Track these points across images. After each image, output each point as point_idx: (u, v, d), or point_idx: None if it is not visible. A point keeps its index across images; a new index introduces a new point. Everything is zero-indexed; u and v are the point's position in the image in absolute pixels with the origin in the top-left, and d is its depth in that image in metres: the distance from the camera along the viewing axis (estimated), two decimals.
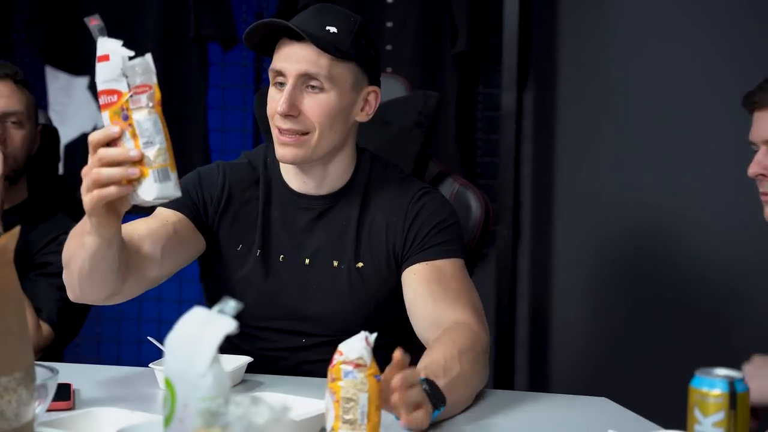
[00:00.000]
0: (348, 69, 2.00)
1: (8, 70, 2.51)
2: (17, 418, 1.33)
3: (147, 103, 1.59)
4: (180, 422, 1.23)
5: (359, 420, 1.50)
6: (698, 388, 1.34)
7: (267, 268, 2.08)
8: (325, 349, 2.01)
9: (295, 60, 1.97)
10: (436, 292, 1.99)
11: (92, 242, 1.77)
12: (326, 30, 1.97)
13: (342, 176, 2.10)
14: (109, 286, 1.88)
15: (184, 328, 1.26)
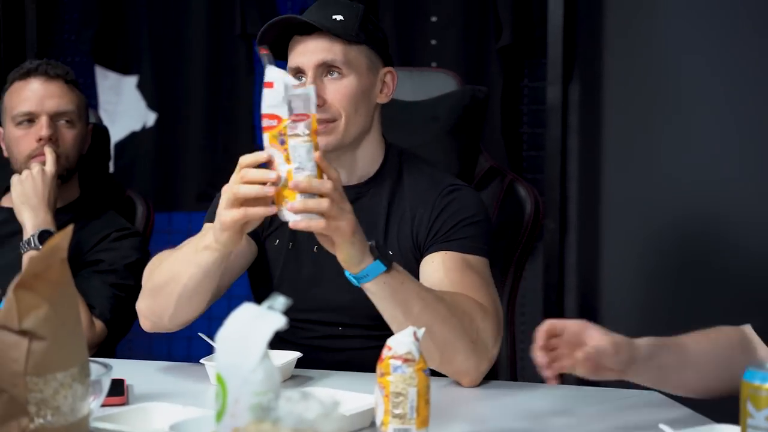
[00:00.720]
0: (361, 52, 2.04)
1: (59, 71, 2.53)
2: (73, 413, 1.34)
3: (303, 131, 1.66)
4: (231, 417, 1.23)
5: (408, 414, 1.50)
6: (750, 382, 1.32)
7: (300, 260, 2.09)
8: (361, 336, 2.04)
9: (310, 52, 2.00)
10: (454, 280, 1.96)
11: (210, 257, 1.86)
12: (333, 19, 2.01)
13: (371, 164, 2.11)
14: (203, 305, 1.97)
15: (235, 324, 1.26)
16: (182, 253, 1.94)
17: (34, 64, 2.54)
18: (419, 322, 1.81)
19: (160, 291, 1.96)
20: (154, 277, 1.98)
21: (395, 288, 1.81)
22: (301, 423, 1.13)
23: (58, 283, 1.35)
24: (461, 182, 2.15)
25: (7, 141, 2.54)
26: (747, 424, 1.32)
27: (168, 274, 1.95)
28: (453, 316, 1.85)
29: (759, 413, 1.31)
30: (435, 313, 1.83)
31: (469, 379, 1.90)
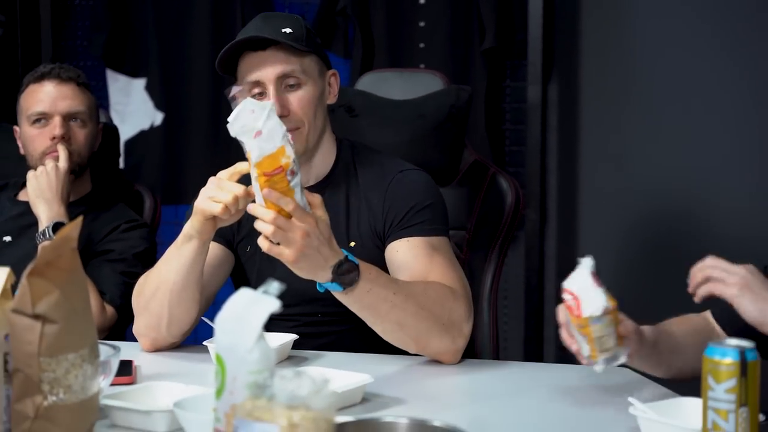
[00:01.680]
0: (312, 60, 2.04)
1: (72, 74, 2.54)
2: (83, 391, 1.35)
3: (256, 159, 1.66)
4: (230, 394, 1.24)
5: (614, 344, 1.63)
6: (711, 357, 1.34)
7: (273, 261, 2.08)
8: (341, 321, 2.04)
9: (270, 66, 1.99)
10: (422, 265, 1.95)
11: (190, 248, 1.89)
12: (284, 32, 2.00)
13: (325, 163, 2.10)
14: (194, 308, 1.96)
15: (233, 307, 1.27)
16: (164, 258, 1.95)
17: (48, 67, 2.54)
18: (389, 320, 1.83)
19: (152, 299, 1.96)
20: (145, 291, 1.99)
21: (359, 297, 1.80)
22: (294, 399, 1.14)
23: (69, 271, 1.36)
24: (410, 166, 2.12)
25: (23, 139, 2.54)
26: (708, 397, 1.34)
27: (155, 281, 1.96)
28: (423, 308, 1.85)
29: (719, 386, 1.32)
30: (405, 311, 1.83)
31: (448, 356, 1.91)
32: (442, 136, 2.46)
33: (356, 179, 2.10)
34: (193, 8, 3.67)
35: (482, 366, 1.97)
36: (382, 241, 2.05)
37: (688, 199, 3.27)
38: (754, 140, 3.23)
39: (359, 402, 1.65)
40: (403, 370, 1.90)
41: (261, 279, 2.06)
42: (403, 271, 1.96)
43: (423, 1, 3.47)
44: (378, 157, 2.14)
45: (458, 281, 1.95)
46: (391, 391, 1.72)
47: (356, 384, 1.64)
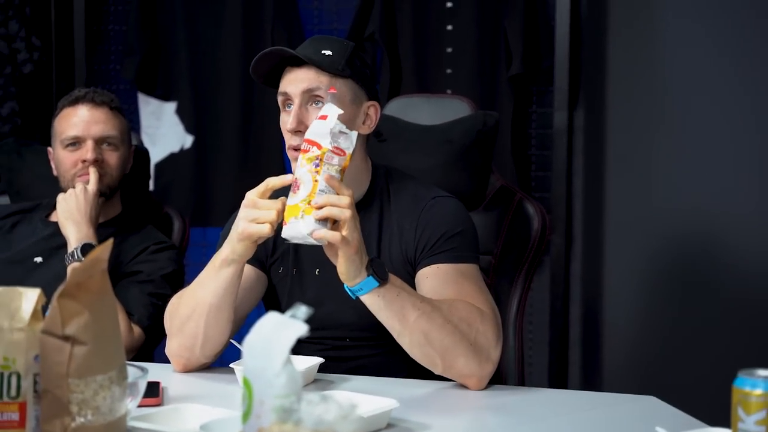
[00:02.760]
0: (346, 85, 2.02)
1: (105, 98, 2.55)
2: (111, 413, 1.34)
3: (338, 163, 1.75)
4: (257, 418, 1.23)
5: None
6: (741, 388, 1.31)
7: (304, 284, 2.08)
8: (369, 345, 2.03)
9: (298, 81, 2.00)
10: (451, 292, 1.94)
11: (228, 271, 1.88)
12: (322, 54, 2.00)
13: (358, 188, 2.07)
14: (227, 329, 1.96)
15: (260, 331, 1.26)
16: (199, 279, 1.94)
17: (82, 91, 2.55)
18: (417, 330, 1.81)
19: (187, 321, 1.95)
20: (179, 312, 1.97)
21: (390, 300, 1.80)
22: (320, 424, 1.13)
23: (99, 292, 1.35)
24: (444, 193, 2.11)
25: (56, 161, 2.55)
26: (738, 428, 1.31)
27: (192, 302, 1.95)
28: (449, 322, 1.83)
29: (749, 418, 1.30)
30: (432, 321, 1.82)
31: (473, 381, 1.88)
32: (469, 161, 2.45)
33: (389, 205, 2.09)
34: (224, 33, 3.69)
35: (508, 392, 1.95)
36: (413, 267, 2.03)
37: (715, 224, 3.24)
38: None
39: (385, 427, 1.63)
40: (429, 394, 1.88)
41: (291, 301, 2.06)
42: (432, 297, 1.94)
43: (450, 27, 3.47)
44: (412, 183, 2.13)
45: (488, 306, 1.93)
46: (417, 416, 1.70)
47: (382, 409, 1.62)
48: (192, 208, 3.68)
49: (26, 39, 3.74)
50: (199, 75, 3.72)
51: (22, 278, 2.38)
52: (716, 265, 3.23)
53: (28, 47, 3.75)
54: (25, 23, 3.74)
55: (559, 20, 3.26)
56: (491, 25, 3.43)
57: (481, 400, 1.85)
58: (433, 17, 3.48)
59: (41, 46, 3.80)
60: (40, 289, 1.39)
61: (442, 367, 1.87)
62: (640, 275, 3.35)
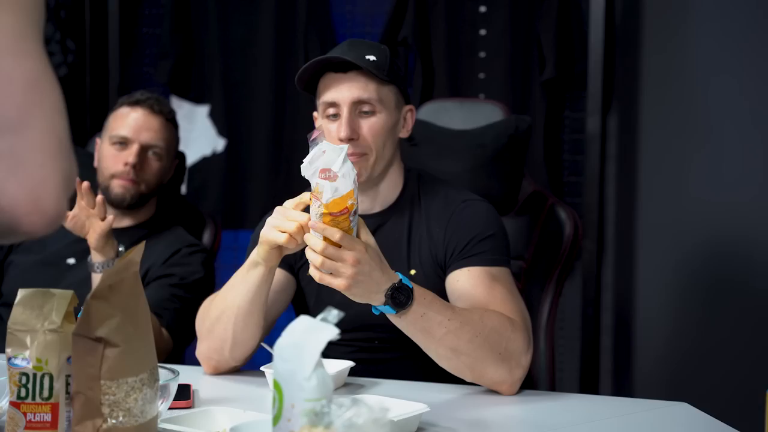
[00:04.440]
0: (390, 91, 2.04)
1: (164, 108, 2.57)
2: (143, 415, 1.35)
3: (317, 208, 1.69)
4: (287, 421, 1.23)
5: None
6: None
7: None
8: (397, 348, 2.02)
9: (346, 89, 1.99)
10: (482, 295, 1.93)
11: (257, 274, 1.88)
12: (367, 59, 2.00)
13: (392, 192, 2.10)
14: (257, 332, 1.96)
15: (291, 334, 1.26)
16: (230, 284, 1.95)
17: (145, 95, 2.58)
18: (443, 346, 1.81)
19: (217, 323, 1.96)
20: (210, 315, 1.98)
21: (413, 321, 1.79)
22: (351, 428, 1.12)
23: (131, 294, 1.36)
24: (474, 196, 2.11)
25: (100, 154, 2.57)
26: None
27: (221, 305, 1.95)
28: (478, 335, 1.82)
29: None
30: (459, 337, 1.81)
31: (505, 387, 1.88)
32: (501, 165, 2.44)
33: (420, 208, 2.09)
34: (257, 37, 3.70)
35: (539, 397, 1.94)
36: (443, 270, 2.03)
37: (748, 231, 3.21)
38: None
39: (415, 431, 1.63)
40: (459, 399, 1.88)
41: (320, 304, 2.06)
42: (463, 301, 1.94)
43: (484, 32, 3.46)
44: (443, 187, 2.12)
45: (518, 312, 1.92)
46: (446, 421, 1.69)
47: (412, 413, 1.61)
48: (224, 212, 3.69)
49: (61, 42, 3.77)
50: (231, 79, 3.74)
51: (54, 280, 2.41)
52: (749, 272, 3.20)
53: (62, 50, 3.78)
54: (60, 26, 3.78)
55: (593, 25, 3.24)
56: (524, 30, 3.42)
57: (511, 406, 1.84)
58: (466, 22, 3.47)
59: (75, 49, 3.83)
60: (72, 292, 1.40)
61: (472, 376, 1.87)
62: (672, 281, 3.33)
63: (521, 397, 1.88)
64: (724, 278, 3.25)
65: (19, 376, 1.35)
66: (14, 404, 1.35)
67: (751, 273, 3.20)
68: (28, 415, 1.34)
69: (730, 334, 3.23)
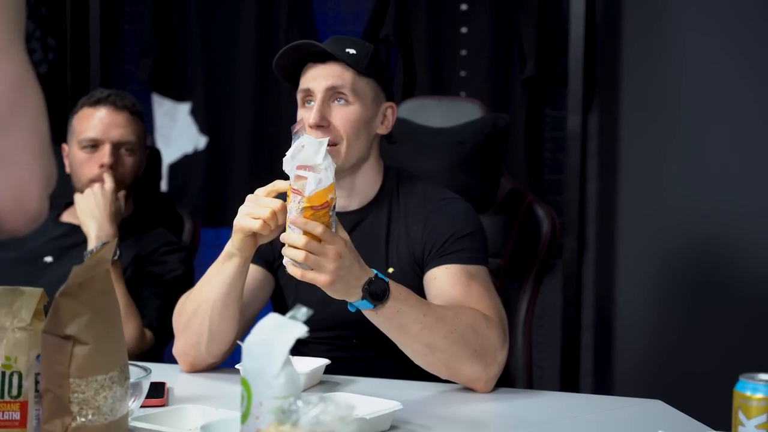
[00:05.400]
0: (368, 84, 2.04)
1: (127, 102, 2.54)
2: (112, 413, 1.34)
3: (298, 203, 1.68)
4: (255, 419, 1.23)
5: None
6: (742, 392, 1.30)
7: (311, 284, 2.07)
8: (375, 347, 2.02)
9: (322, 77, 2.01)
10: (459, 293, 1.94)
11: (231, 265, 1.88)
12: (347, 52, 2.01)
13: (369, 189, 2.09)
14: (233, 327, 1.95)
15: (260, 332, 1.26)
16: (205, 278, 1.95)
17: (104, 93, 2.54)
18: (419, 342, 1.81)
19: (193, 318, 1.96)
20: (186, 309, 1.98)
21: (389, 317, 1.79)
22: (318, 425, 1.12)
23: (101, 292, 1.36)
24: (452, 195, 2.11)
25: (71, 160, 2.55)
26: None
27: (197, 299, 1.95)
28: (453, 332, 1.83)
29: (749, 422, 1.29)
30: (434, 333, 1.81)
31: (480, 384, 1.88)
32: (479, 163, 2.44)
33: (398, 206, 2.09)
34: (238, 34, 3.70)
35: (514, 395, 1.94)
36: (421, 268, 2.03)
37: (729, 229, 3.22)
38: None
39: (388, 429, 1.63)
40: (434, 396, 1.88)
41: (299, 301, 2.05)
42: (440, 299, 1.94)
43: (465, 30, 3.47)
44: (421, 185, 2.13)
45: (494, 309, 1.93)
46: (420, 419, 1.70)
47: (385, 410, 1.62)
48: (205, 209, 3.69)
49: (41, 39, 3.76)
50: (213, 76, 3.74)
51: (32, 277, 2.40)
52: (729, 270, 3.22)
53: (43, 47, 3.77)
54: (41, 23, 3.77)
55: (573, 23, 3.25)
56: (505, 28, 3.42)
57: (486, 403, 1.85)
58: (447, 20, 3.48)
59: (56, 46, 3.82)
60: (42, 290, 1.39)
61: (447, 373, 1.87)
62: (653, 279, 3.34)
63: (496, 395, 1.89)
64: (704, 277, 3.26)
65: None
66: None
67: (732, 272, 3.21)
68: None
69: (710, 332, 3.24)
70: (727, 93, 3.22)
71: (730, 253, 3.22)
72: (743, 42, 3.21)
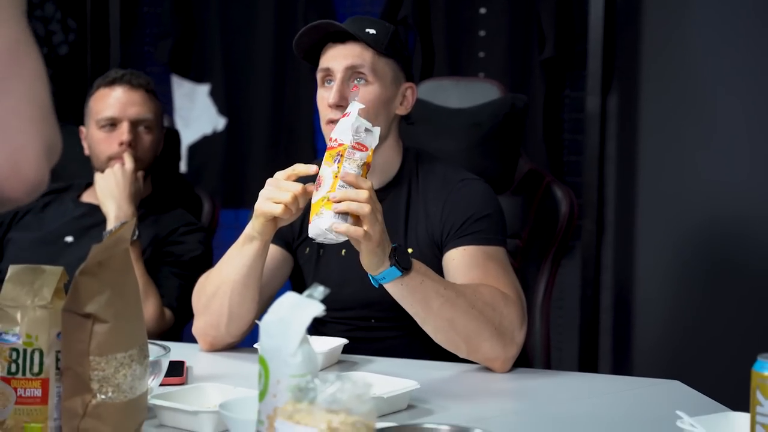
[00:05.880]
0: (388, 65, 2.03)
1: (142, 81, 2.56)
2: (132, 391, 1.35)
3: (359, 159, 1.72)
4: (273, 397, 1.23)
5: None
6: (760, 372, 1.30)
7: (330, 264, 2.08)
8: (393, 327, 2.03)
9: (342, 57, 2.00)
10: (477, 274, 1.94)
11: (251, 248, 1.89)
12: (367, 32, 2.01)
13: (389, 170, 2.09)
14: (253, 307, 1.96)
15: (278, 310, 1.26)
16: (225, 258, 1.96)
17: (119, 73, 2.56)
18: (440, 317, 1.81)
19: (213, 299, 1.97)
20: (206, 290, 1.99)
21: (413, 288, 1.80)
22: (334, 403, 1.13)
23: (121, 270, 1.36)
24: (472, 176, 2.11)
25: (89, 141, 2.56)
26: (756, 412, 1.30)
27: (217, 280, 1.96)
28: (474, 308, 1.83)
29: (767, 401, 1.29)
30: (455, 307, 1.82)
31: (498, 363, 1.88)
32: (497, 144, 2.44)
33: (417, 187, 2.09)
34: (257, 16, 3.70)
35: (532, 374, 1.95)
36: (440, 249, 2.03)
37: (747, 210, 3.21)
38: None
39: (405, 408, 1.64)
40: (452, 376, 1.89)
41: (317, 281, 2.07)
42: (458, 279, 1.94)
43: (484, 10, 3.45)
44: (441, 165, 2.12)
45: (513, 289, 1.93)
46: (438, 398, 1.70)
47: (402, 390, 1.62)
48: (224, 190, 3.70)
49: (62, 21, 3.77)
50: (232, 58, 3.74)
51: (53, 257, 2.42)
52: (749, 252, 3.20)
53: (63, 29, 3.78)
54: (61, 5, 3.78)
55: (593, 4, 3.23)
56: (525, 9, 3.41)
57: (502, 383, 1.85)
58: (466, 0, 3.47)
59: (77, 28, 3.83)
60: (62, 268, 1.40)
61: (467, 351, 1.87)
62: (672, 261, 3.33)
63: (513, 375, 1.89)
64: (723, 258, 3.25)
65: (9, 352, 1.36)
66: (5, 379, 1.36)
67: (751, 253, 3.20)
68: (18, 390, 1.35)
69: (728, 313, 3.23)
70: (746, 75, 3.20)
71: (747, 234, 3.20)
72: (764, 26, 3.19)
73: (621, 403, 1.74)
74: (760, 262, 3.18)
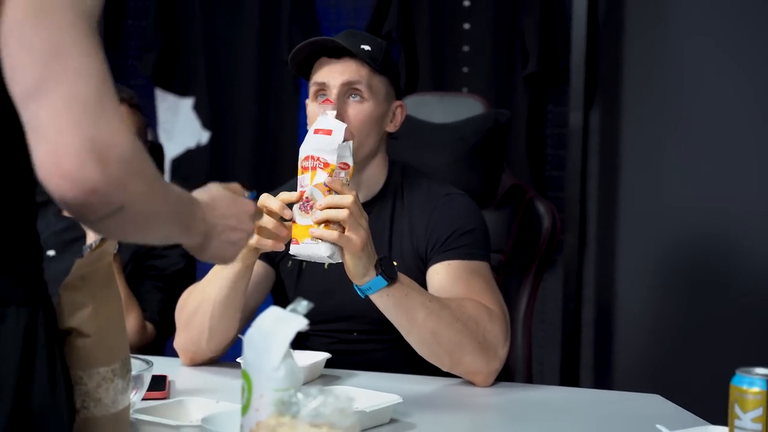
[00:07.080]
0: (381, 82, 2.04)
1: (124, 95, 2.56)
2: (114, 405, 1.35)
3: (343, 177, 1.77)
4: (256, 411, 1.24)
5: None
6: (738, 386, 1.32)
7: (313, 277, 2.09)
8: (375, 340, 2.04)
9: (338, 73, 2.00)
10: (461, 288, 1.95)
11: (233, 269, 1.89)
12: (361, 48, 2.01)
13: (374, 185, 2.10)
14: (234, 324, 1.97)
15: (261, 325, 1.27)
16: (208, 277, 1.97)
17: None
18: (424, 329, 1.82)
19: (194, 316, 1.97)
20: (188, 306, 2.00)
21: (399, 299, 1.81)
22: (317, 417, 1.14)
23: (104, 285, 1.36)
24: (456, 190, 2.12)
25: None
26: (735, 426, 1.32)
27: (199, 298, 1.97)
28: (458, 321, 1.85)
29: (745, 415, 1.30)
30: (440, 320, 1.83)
31: (480, 377, 1.89)
32: (480, 159, 2.45)
33: (402, 201, 2.10)
34: (241, 30, 3.71)
35: (514, 388, 1.96)
36: (424, 263, 2.04)
37: (729, 227, 3.23)
38: None
39: (388, 422, 1.64)
40: (435, 390, 1.90)
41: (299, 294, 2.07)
42: (442, 294, 1.95)
43: (467, 26, 3.47)
44: (426, 180, 2.14)
45: (497, 305, 1.94)
46: (420, 412, 1.71)
47: (384, 404, 1.63)
48: None
49: None
50: (216, 71, 3.75)
51: None
52: (729, 267, 3.23)
53: None
54: None
55: (575, 20, 3.25)
56: (508, 25, 3.43)
57: (485, 397, 1.86)
58: (450, 16, 3.48)
59: None
60: None
61: (450, 363, 1.88)
62: (653, 276, 3.35)
63: (495, 389, 1.90)
64: (703, 274, 3.27)
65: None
66: None
67: (730, 269, 3.22)
68: None
69: (708, 328, 3.25)
70: (727, 91, 3.22)
71: (729, 251, 3.23)
72: (744, 41, 3.22)
73: (602, 417, 1.75)
74: (740, 277, 3.20)
